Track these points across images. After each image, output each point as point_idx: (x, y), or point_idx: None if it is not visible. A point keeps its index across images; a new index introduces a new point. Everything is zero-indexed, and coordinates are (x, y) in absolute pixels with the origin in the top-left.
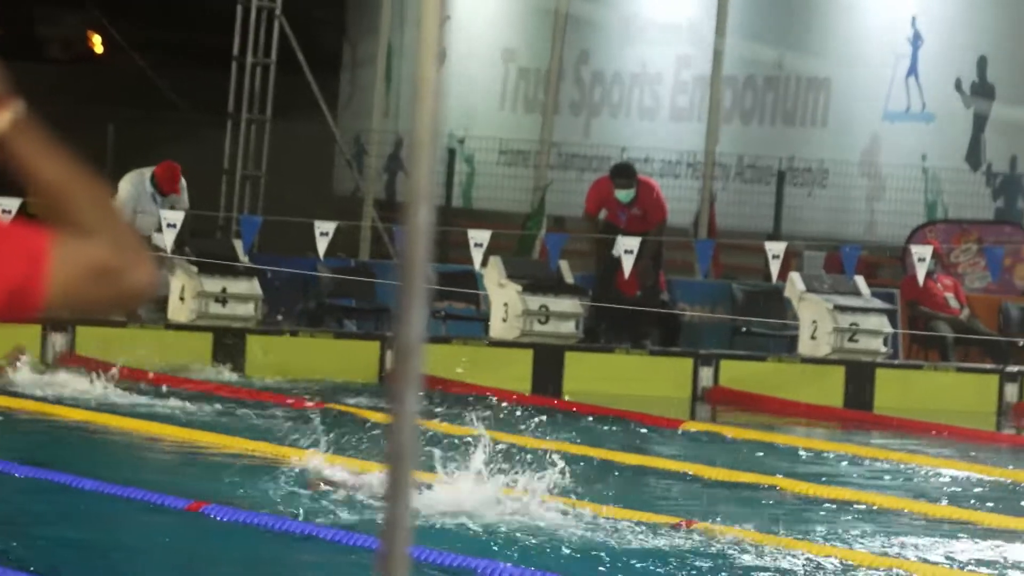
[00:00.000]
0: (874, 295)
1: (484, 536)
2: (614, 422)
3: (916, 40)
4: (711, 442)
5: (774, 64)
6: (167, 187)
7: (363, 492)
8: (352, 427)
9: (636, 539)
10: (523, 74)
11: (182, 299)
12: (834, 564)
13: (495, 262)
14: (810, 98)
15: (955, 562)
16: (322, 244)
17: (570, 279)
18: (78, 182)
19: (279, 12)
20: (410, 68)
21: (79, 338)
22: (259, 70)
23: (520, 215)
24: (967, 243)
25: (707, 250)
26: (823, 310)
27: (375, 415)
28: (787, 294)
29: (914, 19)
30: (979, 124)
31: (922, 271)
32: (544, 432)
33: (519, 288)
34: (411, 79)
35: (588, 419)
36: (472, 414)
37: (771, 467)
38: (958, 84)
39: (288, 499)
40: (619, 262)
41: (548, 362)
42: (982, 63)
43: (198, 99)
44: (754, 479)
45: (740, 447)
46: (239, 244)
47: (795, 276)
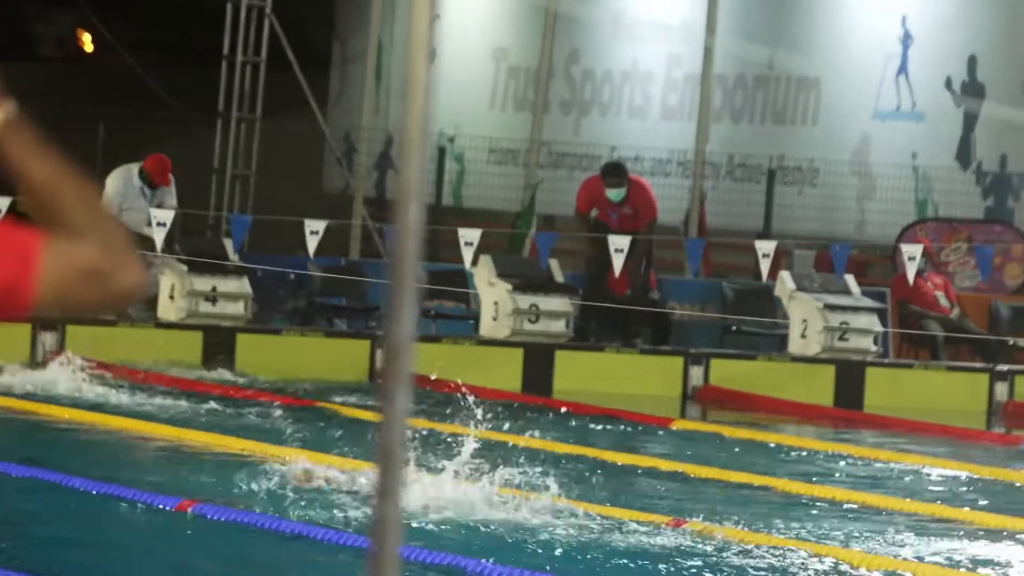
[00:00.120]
0: (864, 294)
1: (473, 535)
2: (604, 421)
3: (906, 39)
4: (701, 441)
5: (764, 63)
6: (158, 179)
7: (351, 488)
8: (342, 426)
9: (626, 538)
10: (513, 72)
11: (172, 298)
12: (824, 563)
13: (485, 261)
14: (800, 97)
15: (944, 560)
16: (312, 243)
17: (560, 278)
18: (69, 183)
19: (269, 11)
20: (400, 66)
21: (69, 337)
22: (249, 69)
23: (510, 214)
24: (957, 242)
25: (697, 249)
26: (813, 309)
27: (365, 414)
28: (777, 293)
29: (904, 18)
30: (969, 123)
31: (912, 270)
32: (534, 431)
33: (509, 287)
34: (401, 77)
35: (578, 418)
36: (461, 413)
37: (761, 466)
38: (948, 83)
39: (278, 498)
40: (610, 261)
41: (538, 361)
42: (972, 62)
43: (188, 98)
44: (744, 478)
45: (730, 446)
46: (229, 243)
47: (785, 275)
